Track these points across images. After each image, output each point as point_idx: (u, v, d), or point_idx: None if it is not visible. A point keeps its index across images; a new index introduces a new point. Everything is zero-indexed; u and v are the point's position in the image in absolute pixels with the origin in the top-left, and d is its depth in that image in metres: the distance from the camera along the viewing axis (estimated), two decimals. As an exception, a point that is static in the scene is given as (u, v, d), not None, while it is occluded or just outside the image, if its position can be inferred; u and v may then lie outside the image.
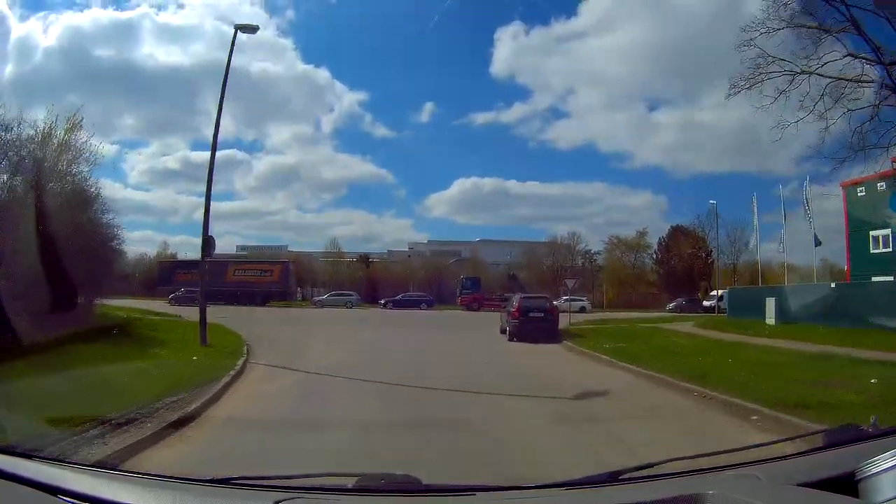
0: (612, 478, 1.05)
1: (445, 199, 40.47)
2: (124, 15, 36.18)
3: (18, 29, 33.10)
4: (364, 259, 36.31)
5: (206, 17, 37.95)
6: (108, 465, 1.34)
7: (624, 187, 45.23)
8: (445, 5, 30.09)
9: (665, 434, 3.48)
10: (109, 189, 29.62)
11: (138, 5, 40.13)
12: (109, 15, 35.78)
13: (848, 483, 0.93)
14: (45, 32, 35.84)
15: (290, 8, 39.44)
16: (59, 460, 1.31)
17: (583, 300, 28.44)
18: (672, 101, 39.30)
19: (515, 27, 35.82)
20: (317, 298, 28.49)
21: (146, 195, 39.00)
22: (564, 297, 29.37)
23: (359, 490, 1.07)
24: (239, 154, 37.52)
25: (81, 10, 39.95)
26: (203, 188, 14.76)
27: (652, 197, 42.78)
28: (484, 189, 38.04)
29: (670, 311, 25.74)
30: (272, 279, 28.04)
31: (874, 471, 0.91)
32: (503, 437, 3.32)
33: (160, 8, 40.89)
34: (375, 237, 44.73)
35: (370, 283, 34.12)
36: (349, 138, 38.97)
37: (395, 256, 35.81)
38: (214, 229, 31.23)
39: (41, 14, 39.98)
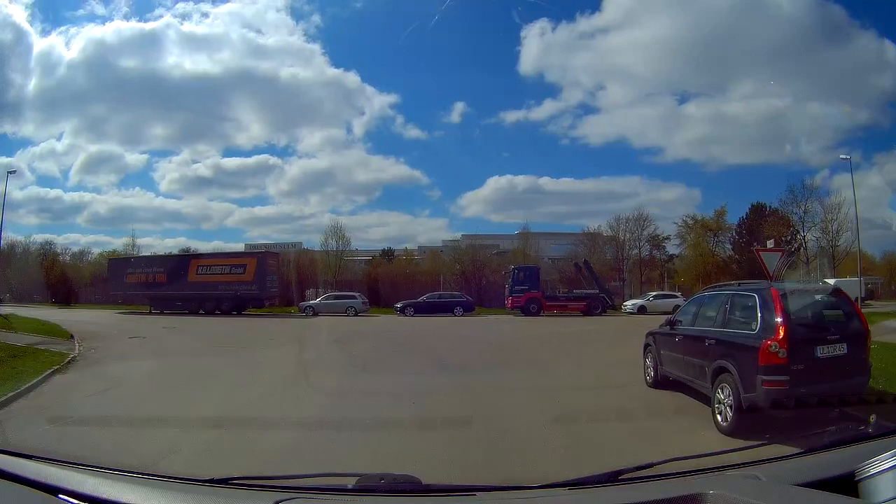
0: (613, 478, 1.54)
1: (479, 198, 51.90)
2: (148, 26, 46.82)
3: (40, 44, 45.56)
4: (387, 254, 42.69)
5: (231, 25, 50.15)
6: (108, 465, 1.80)
7: (657, 181, 58.02)
8: (472, 5, 40.79)
9: None
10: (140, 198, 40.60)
11: (161, 16, 50.96)
12: (132, 26, 46.42)
13: (848, 483, 1.36)
14: (68, 46, 47.13)
15: (315, 13, 52.63)
16: (59, 460, 1.82)
17: (677, 296, 29.58)
18: (701, 94, 50.48)
19: (542, 24, 45.67)
20: (304, 304, 28.99)
21: (178, 203, 51.67)
22: (653, 295, 29.99)
23: (359, 490, 1.58)
24: (272, 159, 49.84)
25: (103, 23, 50.66)
26: (236, 194, 39.44)
27: (686, 190, 56.04)
28: (518, 187, 48.80)
29: None
30: (245, 278, 29.09)
31: (874, 471, 1.34)
32: None
33: (184, 18, 52.79)
34: (410, 238, 57.01)
35: (391, 281, 37.03)
36: (381, 140, 50.61)
37: (426, 253, 43.82)
38: (249, 233, 44.64)
39: (63, 28, 53.79)
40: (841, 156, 29.58)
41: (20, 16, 50.83)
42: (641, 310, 28.29)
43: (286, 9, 54.49)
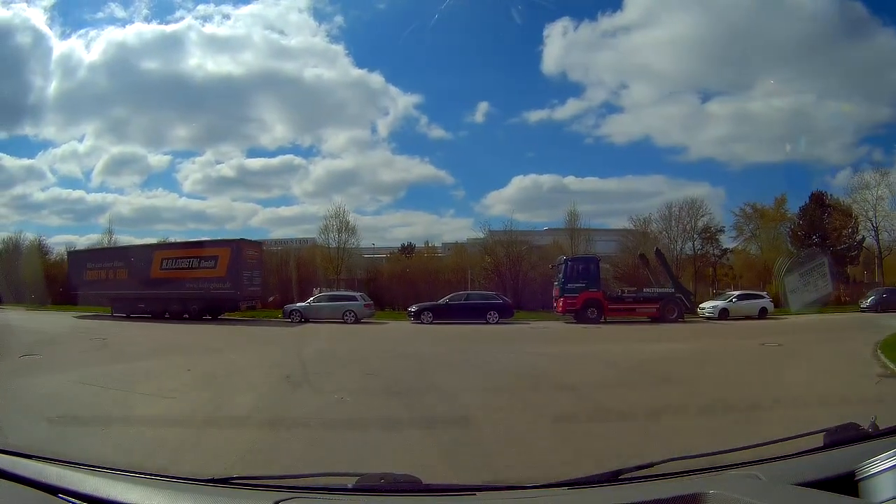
0: (613, 477, 1.98)
1: (504, 198, 64.32)
2: (169, 28, 59.19)
3: (60, 46, 57.37)
4: (406, 249, 50.09)
5: (253, 26, 61.99)
6: (108, 465, 2.22)
7: (681, 180, 72.75)
8: (494, 5, 50.93)
9: None
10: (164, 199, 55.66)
11: (182, 18, 65.45)
12: (153, 29, 58.18)
13: (848, 483, 1.77)
14: (88, 49, 59.22)
15: (338, 14, 66.26)
16: (59, 460, 2.28)
17: (763, 296, 30.83)
18: (724, 92, 63.41)
19: (564, 23, 56.39)
20: (290, 307, 29.27)
21: (202, 203, 63.78)
22: (736, 295, 30.31)
23: (359, 490, 2.06)
24: (296, 159, 61.91)
25: (124, 26, 63.30)
26: (260, 195, 50.08)
27: (710, 189, 63.16)
28: (543, 186, 60.20)
29: (867, 309, 30.60)
30: (216, 273, 29.94)
31: (874, 471, 1.75)
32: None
33: (206, 20, 64.86)
34: (436, 238, 62.93)
35: (409, 280, 39.17)
36: (406, 140, 64.02)
37: (451, 248, 51.68)
38: (274, 234, 54.10)
39: (82, 31, 66.93)
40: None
41: (39, 19, 64.87)
42: (723, 314, 28.93)
43: (308, 10, 69.06)
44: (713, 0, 55.62)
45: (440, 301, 28.95)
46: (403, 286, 38.37)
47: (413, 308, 28.55)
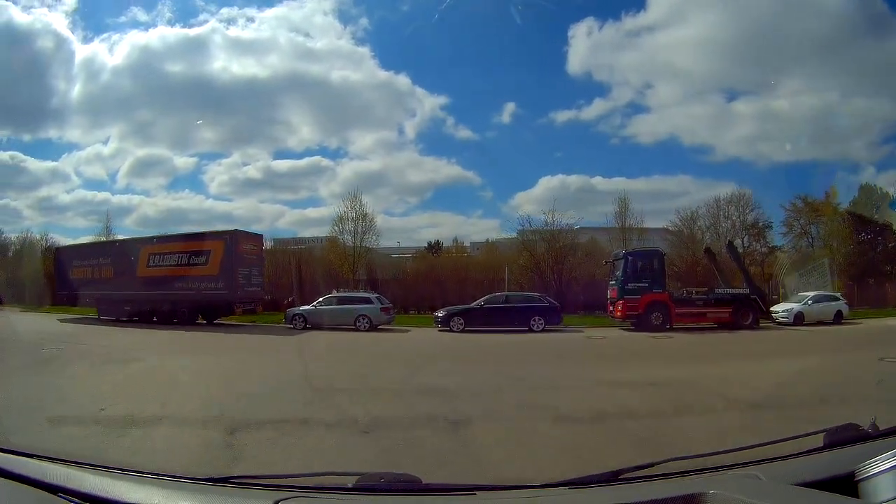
0: (613, 477, 2.33)
1: (532, 198, 75.72)
2: (193, 31, 68.21)
3: (83, 51, 65.46)
4: (433, 248, 56.34)
5: (278, 29, 69.67)
6: (108, 465, 2.52)
7: (708, 180, 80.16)
8: (519, 6, 57.99)
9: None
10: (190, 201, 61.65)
11: (206, 21, 75.57)
12: (177, 32, 66.60)
13: (848, 483, 2.09)
14: (111, 52, 68.57)
15: (363, 16, 73.33)
16: (59, 460, 2.60)
17: (838, 299, 31.16)
18: (749, 91, 70.69)
19: (588, 23, 64.22)
20: (293, 311, 29.40)
21: (228, 205, 69.80)
22: (811, 297, 30.95)
23: (359, 489, 2.42)
24: (324, 161, 68.91)
25: (146, 30, 72.56)
26: (287, 196, 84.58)
27: (736, 189, 64.31)
28: (570, 187, 67.32)
29: None
30: (207, 271, 30.50)
31: (874, 471, 2.06)
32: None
33: (230, 22, 72.95)
34: (463, 238, 69.64)
35: (435, 279, 41.07)
36: (433, 142, 73.46)
37: (480, 248, 58.60)
38: (300, 234, 56.75)
39: (105, 35, 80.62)
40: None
41: (61, 23, 73.63)
42: (797, 318, 28.86)
43: (333, 12, 77.69)
44: (736, -2, 64.45)
45: (473, 304, 28.57)
46: (430, 287, 40.00)
47: (440, 313, 28.24)
